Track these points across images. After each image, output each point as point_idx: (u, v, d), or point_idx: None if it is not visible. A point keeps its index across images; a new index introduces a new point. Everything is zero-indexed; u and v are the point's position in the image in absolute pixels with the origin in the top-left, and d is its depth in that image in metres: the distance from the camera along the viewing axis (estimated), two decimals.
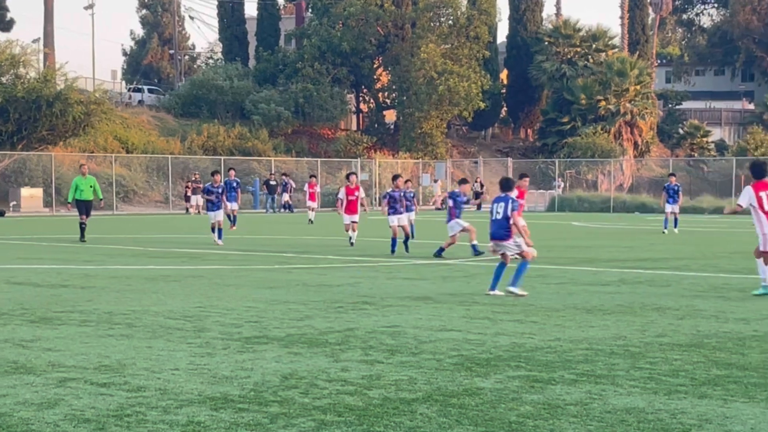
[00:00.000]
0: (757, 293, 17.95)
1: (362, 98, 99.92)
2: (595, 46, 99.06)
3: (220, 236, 33.45)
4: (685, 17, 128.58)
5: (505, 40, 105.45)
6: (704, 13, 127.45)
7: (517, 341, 12.64)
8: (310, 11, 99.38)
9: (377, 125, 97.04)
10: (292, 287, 19.32)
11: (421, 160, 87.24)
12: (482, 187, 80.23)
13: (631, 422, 8.40)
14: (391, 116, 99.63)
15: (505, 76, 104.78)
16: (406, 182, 35.36)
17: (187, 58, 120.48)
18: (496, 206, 18.26)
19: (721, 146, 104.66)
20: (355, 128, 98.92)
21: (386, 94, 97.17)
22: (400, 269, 23.77)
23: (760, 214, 17.94)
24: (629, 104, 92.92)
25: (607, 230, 44.75)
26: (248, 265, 25.25)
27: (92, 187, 35.17)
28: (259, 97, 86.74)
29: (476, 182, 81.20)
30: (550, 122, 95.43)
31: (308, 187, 52.21)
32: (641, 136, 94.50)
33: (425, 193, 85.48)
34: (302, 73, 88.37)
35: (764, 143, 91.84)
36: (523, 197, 26.12)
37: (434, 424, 8.33)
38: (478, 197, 79.28)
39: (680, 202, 41.86)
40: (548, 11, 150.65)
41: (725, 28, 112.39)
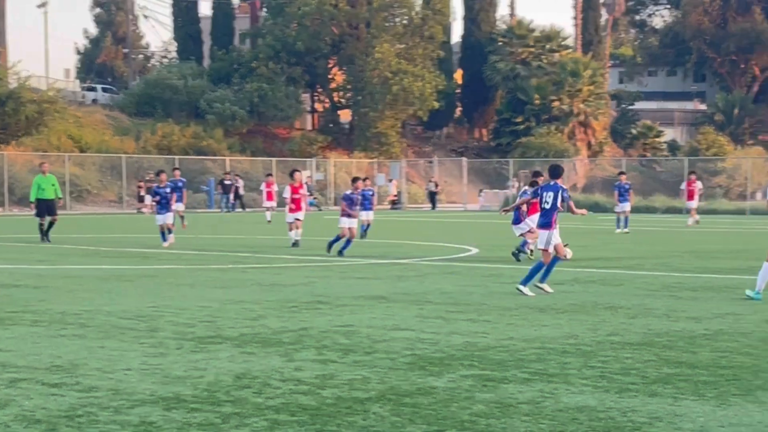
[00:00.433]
0: (751, 295, 17.29)
1: (317, 98, 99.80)
2: (548, 46, 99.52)
3: (165, 239, 31.78)
4: (637, 18, 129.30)
5: (459, 40, 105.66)
6: (656, 14, 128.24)
7: (470, 340, 12.69)
8: (264, 10, 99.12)
9: (332, 125, 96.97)
10: (246, 287, 19.29)
11: (376, 159, 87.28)
12: (437, 186, 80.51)
13: (582, 420, 8.46)
14: (346, 116, 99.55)
15: (459, 76, 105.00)
16: (364, 180, 35.55)
17: (141, 57, 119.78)
18: (545, 195, 18.08)
19: (673, 146, 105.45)
20: (310, 128, 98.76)
21: (341, 93, 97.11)
22: (354, 269, 23.78)
23: None
24: (582, 104, 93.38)
25: (560, 229, 44.95)
26: (202, 264, 25.17)
27: (54, 185, 34.86)
28: (213, 96, 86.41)
29: (431, 182, 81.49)
30: (504, 122, 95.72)
31: (265, 186, 51.86)
32: (594, 136, 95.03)
33: (380, 192, 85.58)
34: (257, 72, 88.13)
35: (716, 143, 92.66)
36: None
37: (387, 423, 8.35)
38: (432, 197, 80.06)
39: (632, 201, 42.07)
40: (502, 11, 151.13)
41: (677, 29, 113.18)
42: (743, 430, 8.21)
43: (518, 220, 25.95)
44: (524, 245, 26.52)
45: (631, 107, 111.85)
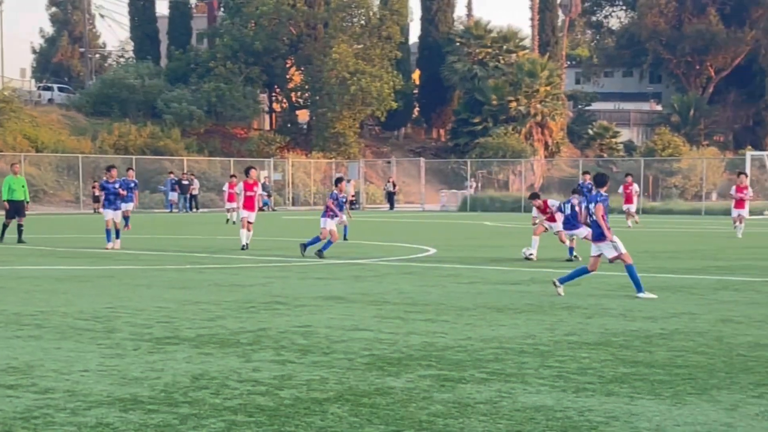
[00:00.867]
0: None
1: (275, 98, 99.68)
2: (505, 47, 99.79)
3: (109, 239, 30.65)
4: (594, 19, 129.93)
5: (417, 40, 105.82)
6: (612, 15, 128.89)
7: (428, 340, 12.70)
8: (222, 10, 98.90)
9: (290, 125, 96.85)
10: (203, 287, 19.22)
11: (334, 160, 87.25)
12: (395, 186, 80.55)
13: (539, 420, 8.49)
14: (304, 116, 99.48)
15: (417, 76, 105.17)
16: (337, 184, 35.52)
17: (97, 56, 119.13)
18: (592, 207, 17.88)
19: (629, 147, 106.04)
20: (268, 128, 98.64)
21: (299, 93, 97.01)
22: (312, 269, 23.75)
23: None
24: (540, 105, 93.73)
25: (518, 230, 45.07)
26: (159, 265, 25.06)
27: (23, 187, 34.61)
28: (171, 96, 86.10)
29: (389, 182, 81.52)
30: (462, 122, 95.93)
31: (228, 187, 51.46)
32: (552, 136, 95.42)
33: None
34: (214, 72, 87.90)
35: (671, 144, 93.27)
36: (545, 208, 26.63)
37: (345, 423, 8.36)
38: (390, 197, 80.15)
39: None
40: (460, 12, 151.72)
41: (633, 30, 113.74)
42: (699, 428, 8.27)
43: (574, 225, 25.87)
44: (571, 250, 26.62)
45: (587, 108, 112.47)
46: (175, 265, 25.08)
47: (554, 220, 26.97)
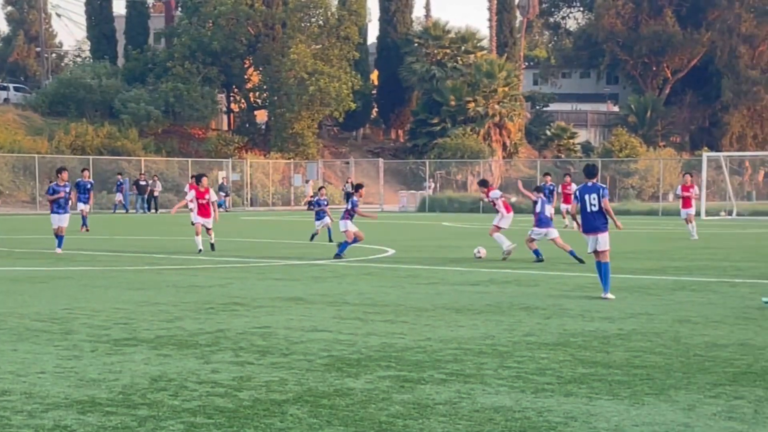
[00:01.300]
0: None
1: (233, 98, 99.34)
2: (464, 47, 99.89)
3: (60, 244, 29.54)
4: (551, 20, 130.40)
5: (375, 41, 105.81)
6: (570, 16, 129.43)
7: (387, 341, 12.72)
8: (179, 10, 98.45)
9: (248, 125, 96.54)
10: (162, 288, 19.15)
11: (292, 160, 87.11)
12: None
13: (498, 421, 8.52)
14: (262, 116, 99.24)
15: (375, 77, 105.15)
16: (320, 189, 36.00)
17: (54, 56, 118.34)
18: (588, 197, 17.78)
19: (587, 147, 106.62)
20: (226, 128, 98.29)
21: (257, 94, 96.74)
22: (271, 270, 23.72)
23: None
24: (498, 106, 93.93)
25: (476, 230, 45.16)
26: (117, 266, 24.93)
27: None
28: (128, 96, 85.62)
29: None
30: (420, 123, 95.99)
31: (189, 188, 51.10)
32: (510, 137, 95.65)
33: (297, 193, 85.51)
34: (172, 72, 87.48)
35: (629, 145, 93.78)
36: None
37: (305, 425, 8.35)
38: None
39: (554, 203, 42.38)
40: (418, 13, 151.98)
41: (590, 31, 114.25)
42: (657, 428, 8.32)
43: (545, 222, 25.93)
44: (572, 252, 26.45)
45: (545, 109, 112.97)
46: (133, 266, 24.96)
47: (509, 209, 27.40)
